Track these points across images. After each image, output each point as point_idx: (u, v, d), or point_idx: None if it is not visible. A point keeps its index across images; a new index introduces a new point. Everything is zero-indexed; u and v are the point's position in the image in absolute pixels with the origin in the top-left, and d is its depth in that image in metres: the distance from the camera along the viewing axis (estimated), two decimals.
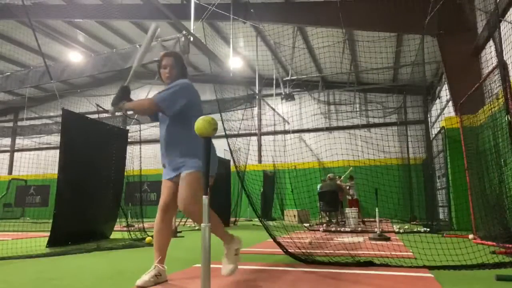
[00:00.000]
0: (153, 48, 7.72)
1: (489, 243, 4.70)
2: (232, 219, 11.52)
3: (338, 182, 10.99)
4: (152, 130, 16.64)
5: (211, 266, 1.88)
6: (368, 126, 16.45)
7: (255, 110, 18.21)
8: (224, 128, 4.44)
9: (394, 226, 9.06)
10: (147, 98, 2.74)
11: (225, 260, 2.64)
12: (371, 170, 13.24)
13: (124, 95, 2.75)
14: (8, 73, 9.46)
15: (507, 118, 3.95)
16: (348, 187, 11.82)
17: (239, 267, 2.69)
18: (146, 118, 3.04)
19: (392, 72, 15.01)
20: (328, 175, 10.78)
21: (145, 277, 2.44)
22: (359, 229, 8.02)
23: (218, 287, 2.42)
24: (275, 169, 15.93)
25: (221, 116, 4.36)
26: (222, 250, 2.70)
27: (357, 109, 16.96)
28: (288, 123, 17.34)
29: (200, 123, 1.99)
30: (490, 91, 5.20)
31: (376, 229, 6.32)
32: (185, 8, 9.79)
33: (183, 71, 2.88)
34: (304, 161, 15.55)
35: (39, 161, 19.24)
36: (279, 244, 3.72)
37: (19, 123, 22.31)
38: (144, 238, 5.57)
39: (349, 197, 11.92)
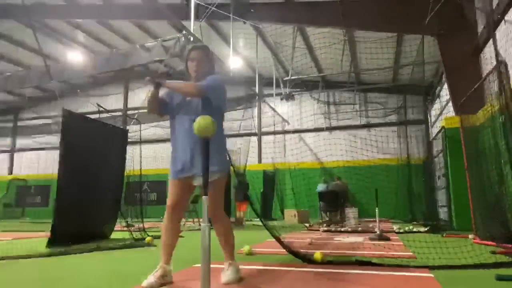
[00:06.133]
0: (153, 48, 7.72)
1: (489, 243, 4.69)
2: (232, 219, 11.51)
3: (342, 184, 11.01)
4: (152, 130, 16.65)
5: (211, 266, 1.88)
6: (368, 126, 16.44)
7: (255, 110, 18.21)
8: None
9: (394, 226, 9.06)
10: (191, 83, 2.62)
11: (227, 272, 2.58)
12: (371, 170, 13.29)
13: (165, 77, 2.62)
14: (8, 73, 9.47)
15: (502, 118, 3.96)
16: None
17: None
18: (147, 118, 2.97)
19: (392, 72, 15.02)
20: (336, 177, 10.77)
21: (151, 278, 2.39)
22: (359, 229, 8.02)
23: (218, 287, 2.42)
24: (275, 169, 15.94)
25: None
26: (222, 251, 2.69)
27: (357, 109, 16.97)
28: (288, 123, 17.34)
29: (200, 123, 1.99)
30: (490, 91, 5.20)
31: (376, 229, 6.32)
32: (185, 8, 9.80)
33: (212, 65, 2.78)
34: (304, 161, 15.58)
35: (39, 161, 19.26)
36: (282, 243, 3.71)
37: (19, 123, 22.30)
38: (144, 238, 5.57)
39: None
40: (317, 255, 3.36)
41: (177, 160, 2.62)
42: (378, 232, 5.97)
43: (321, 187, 12.03)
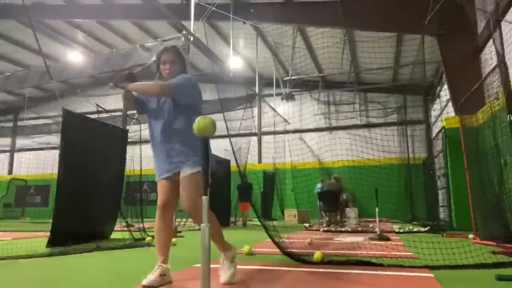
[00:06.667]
0: (153, 48, 7.72)
1: (489, 243, 4.69)
2: (232, 219, 11.51)
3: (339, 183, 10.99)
4: None
5: (211, 266, 1.88)
6: (368, 126, 16.44)
7: (255, 110, 18.21)
8: (227, 128, 4.43)
9: (395, 226, 9.06)
10: (157, 82, 2.61)
11: (223, 267, 2.57)
12: (371, 170, 13.27)
13: (129, 79, 2.64)
14: (8, 73, 9.46)
15: (509, 117, 3.95)
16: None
17: (238, 267, 2.68)
18: (144, 117, 2.92)
19: (392, 72, 15.02)
20: (334, 175, 10.76)
21: (151, 277, 2.40)
22: (359, 229, 8.02)
23: (218, 287, 2.42)
24: (275, 169, 15.93)
25: (223, 115, 4.36)
26: (219, 254, 2.67)
27: (357, 109, 16.97)
28: (288, 123, 17.33)
29: (200, 123, 1.99)
30: (490, 91, 5.20)
31: (376, 229, 6.32)
32: (185, 8, 9.80)
33: (184, 66, 2.78)
34: (305, 161, 15.57)
35: (39, 161, 19.22)
36: (278, 245, 3.71)
37: (19, 123, 22.30)
38: (144, 238, 5.57)
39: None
40: (317, 255, 3.37)
41: (158, 161, 2.67)
42: (378, 232, 5.97)
43: (319, 187, 12.03)
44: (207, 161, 2.01)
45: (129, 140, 6.72)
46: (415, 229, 7.63)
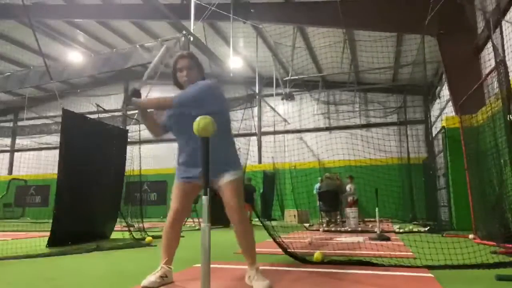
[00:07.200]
0: (153, 48, 7.71)
1: (489, 243, 4.69)
2: None
3: (339, 182, 10.98)
4: None
5: (211, 266, 1.88)
6: (368, 126, 16.44)
7: (255, 110, 18.20)
8: None
9: (395, 226, 9.06)
10: (167, 96, 2.54)
11: (256, 279, 2.42)
12: (371, 170, 13.29)
13: (133, 96, 2.61)
14: (8, 73, 9.43)
15: (509, 117, 3.95)
16: (351, 188, 11.78)
17: (238, 267, 2.68)
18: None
19: (392, 72, 15.01)
20: (325, 174, 10.76)
21: (151, 278, 2.39)
22: (359, 229, 8.02)
23: (218, 287, 2.41)
24: (275, 169, 15.92)
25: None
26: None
27: (357, 109, 16.97)
28: (288, 123, 17.33)
29: (200, 123, 1.98)
30: (490, 91, 5.19)
31: (376, 229, 6.32)
32: (185, 8, 9.80)
33: (201, 71, 2.71)
34: (304, 161, 15.57)
35: (39, 161, 19.23)
36: (279, 245, 3.71)
37: (19, 123, 22.30)
38: (144, 238, 5.57)
39: (351, 198, 11.88)
40: (317, 255, 3.36)
41: (186, 164, 2.60)
42: (378, 232, 5.97)
43: (317, 187, 12.03)
44: (207, 162, 2.01)
45: (129, 140, 6.72)
46: (415, 229, 7.63)
